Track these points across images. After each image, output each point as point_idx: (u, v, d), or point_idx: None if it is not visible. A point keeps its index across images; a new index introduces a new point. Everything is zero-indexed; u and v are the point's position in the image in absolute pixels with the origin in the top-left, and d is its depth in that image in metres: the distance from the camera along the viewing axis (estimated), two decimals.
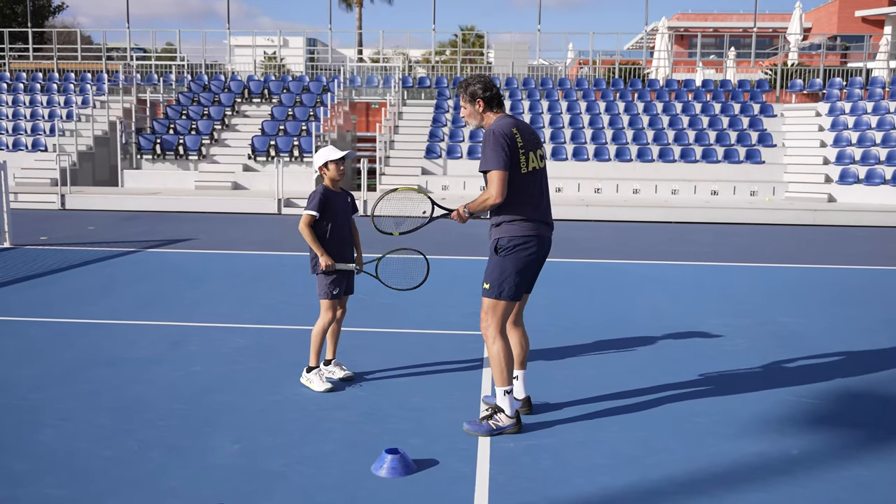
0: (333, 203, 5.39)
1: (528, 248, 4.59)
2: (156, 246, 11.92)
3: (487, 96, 4.68)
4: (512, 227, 4.58)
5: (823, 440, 4.61)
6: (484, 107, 4.70)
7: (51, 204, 17.64)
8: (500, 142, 4.49)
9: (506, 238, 4.58)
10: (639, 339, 6.81)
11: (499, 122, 4.62)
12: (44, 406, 5.00)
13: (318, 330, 5.42)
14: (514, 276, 4.58)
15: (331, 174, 5.39)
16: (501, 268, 4.59)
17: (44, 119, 22.77)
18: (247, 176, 20.16)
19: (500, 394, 4.62)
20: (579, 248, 12.44)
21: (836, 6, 46.11)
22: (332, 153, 5.38)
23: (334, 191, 5.45)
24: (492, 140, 4.52)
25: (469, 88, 4.70)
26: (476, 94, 4.68)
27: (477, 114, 4.73)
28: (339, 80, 23.84)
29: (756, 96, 22.91)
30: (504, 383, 4.61)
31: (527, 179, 4.58)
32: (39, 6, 37.64)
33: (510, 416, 4.62)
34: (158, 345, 6.45)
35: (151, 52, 29.62)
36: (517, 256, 4.58)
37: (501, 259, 4.59)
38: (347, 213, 5.52)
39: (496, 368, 4.62)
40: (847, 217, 16.67)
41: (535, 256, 4.64)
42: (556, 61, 29.37)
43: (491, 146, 4.51)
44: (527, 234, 4.58)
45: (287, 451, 4.36)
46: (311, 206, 5.31)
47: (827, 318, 7.77)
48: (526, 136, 4.62)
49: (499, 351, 4.60)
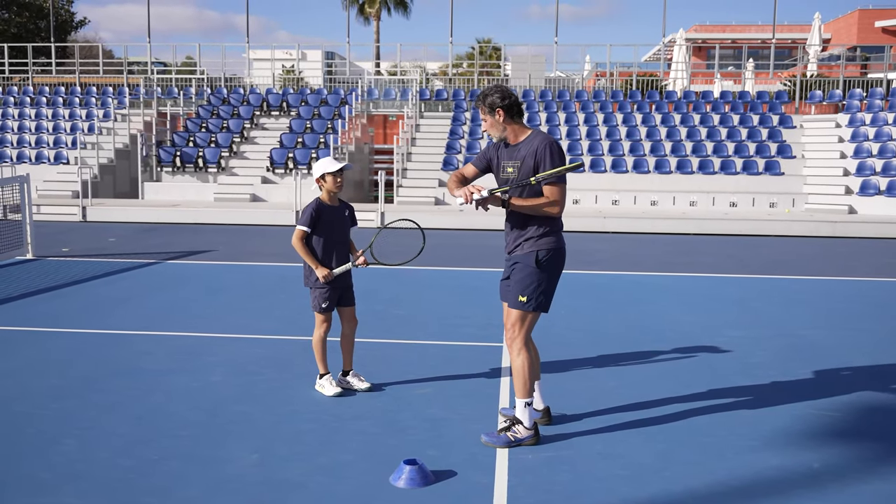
0: (327, 216, 5.41)
1: (560, 260, 4.68)
2: (175, 257, 12.01)
3: (507, 104, 4.60)
4: (549, 239, 4.59)
5: (845, 454, 4.56)
6: (504, 116, 4.62)
7: (72, 216, 17.84)
8: (562, 152, 4.57)
9: (544, 251, 4.57)
10: (658, 351, 6.77)
11: (550, 136, 4.64)
12: (64, 416, 5.05)
13: (316, 340, 5.54)
14: (551, 288, 4.65)
15: (328, 186, 5.40)
16: (539, 280, 4.57)
17: (66, 132, 23.05)
18: (265, 188, 20.28)
19: (521, 405, 4.61)
20: (597, 259, 12.40)
21: (856, 17, 45.84)
22: (329, 165, 5.38)
23: (329, 204, 5.45)
24: (558, 153, 4.53)
25: (487, 99, 4.61)
26: (495, 104, 4.60)
27: (498, 124, 4.64)
28: (357, 93, 23.97)
29: (775, 107, 22.79)
30: (525, 395, 4.60)
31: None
32: (62, 21, 38.19)
33: (528, 427, 4.61)
34: (177, 355, 6.49)
35: (172, 65, 29.96)
36: (552, 270, 4.62)
37: (540, 272, 4.57)
38: (345, 225, 5.53)
39: (519, 380, 4.61)
40: (868, 229, 16.50)
41: (563, 265, 4.72)
42: (573, 73, 29.38)
43: (560, 156, 4.53)
44: (560, 247, 4.65)
45: (305, 462, 4.37)
46: (302, 221, 5.38)
47: (848, 330, 7.68)
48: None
49: (523, 363, 4.60)
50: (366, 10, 47.62)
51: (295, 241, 5.39)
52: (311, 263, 5.40)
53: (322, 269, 5.36)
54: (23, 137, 22.90)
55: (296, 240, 5.38)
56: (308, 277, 5.49)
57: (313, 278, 5.43)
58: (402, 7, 48.56)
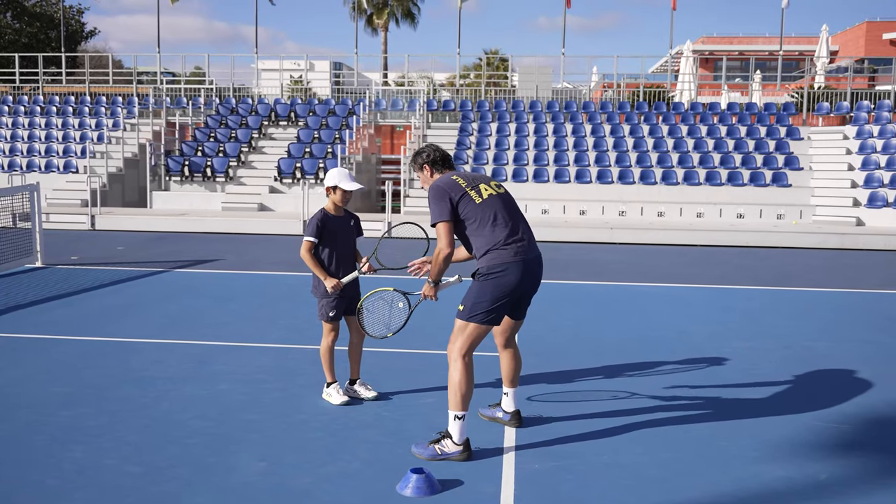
0: (332, 227, 5.45)
1: (506, 276, 4.54)
2: (183, 266, 12.07)
3: (431, 160, 4.92)
4: (492, 254, 4.57)
5: (851, 465, 4.56)
6: (431, 171, 4.93)
7: (81, 224, 17.94)
8: (440, 192, 4.64)
9: (485, 266, 4.58)
10: (664, 362, 6.78)
11: (439, 178, 4.77)
12: (74, 423, 5.08)
13: (324, 349, 5.58)
14: (488, 302, 4.55)
15: (336, 198, 5.46)
16: (477, 292, 4.59)
17: (75, 141, 23.21)
18: (273, 198, 20.38)
19: (451, 418, 4.53)
20: (604, 270, 12.41)
21: (864, 29, 45.86)
22: (346, 182, 5.41)
23: (335, 215, 5.50)
24: (433, 194, 4.67)
25: (417, 159, 4.97)
26: (422, 162, 4.94)
27: (428, 179, 4.94)
28: (365, 104, 24.08)
29: (782, 119, 22.79)
30: (456, 407, 4.51)
31: (487, 205, 4.64)
32: (73, 32, 38.48)
33: (457, 443, 4.52)
34: (186, 363, 6.53)
35: (181, 75, 30.14)
36: (495, 283, 4.54)
37: (479, 284, 4.60)
38: (350, 235, 5.57)
39: (451, 391, 4.52)
40: (876, 241, 16.47)
41: (517, 283, 4.57)
42: (580, 84, 29.46)
43: (434, 200, 4.65)
44: (506, 262, 4.54)
45: (313, 470, 4.39)
46: (308, 231, 5.43)
47: (855, 342, 7.67)
48: (468, 177, 4.78)
49: (458, 373, 4.51)
50: (374, 22, 47.85)
51: (303, 252, 5.43)
52: (319, 274, 5.44)
53: (330, 280, 5.40)
54: (33, 146, 23.07)
55: (304, 251, 5.43)
56: (316, 287, 5.53)
57: (321, 288, 5.46)
58: (410, 18, 48.79)
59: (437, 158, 4.94)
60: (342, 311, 5.53)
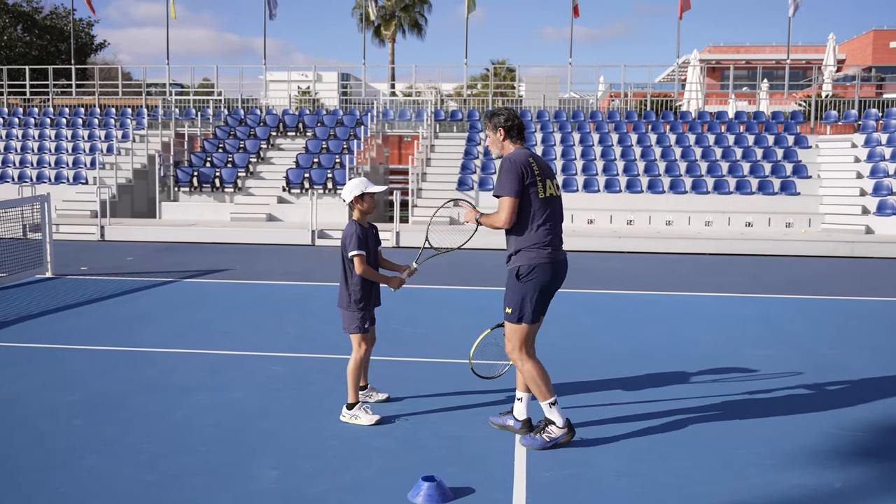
0: (367, 238, 5.41)
1: (545, 275, 4.79)
2: (193, 276, 12.10)
3: (508, 126, 4.96)
4: (531, 253, 4.78)
5: (868, 473, 4.53)
6: (504, 136, 4.97)
7: (91, 235, 18.01)
8: (517, 170, 4.74)
9: (525, 265, 4.77)
10: (677, 370, 6.75)
11: (516, 152, 4.89)
12: (88, 432, 5.10)
13: (355, 365, 5.35)
14: (533, 300, 4.79)
15: (365, 206, 5.40)
16: (522, 293, 4.79)
17: (85, 153, 23.34)
18: (281, 208, 20.43)
19: (546, 407, 4.82)
20: (613, 279, 12.39)
21: (871, 37, 45.80)
22: (369, 185, 5.39)
23: (364, 226, 5.43)
24: (509, 167, 4.77)
25: (493, 119, 5.00)
26: (498, 124, 4.97)
27: (498, 142, 5.00)
28: (372, 114, 24.16)
29: (790, 128, 22.76)
30: (546, 397, 4.79)
31: (546, 204, 4.81)
32: (82, 44, 38.77)
33: (561, 426, 4.80)
34: (198, 372, 6.54)
35: (189, 87, 30.31)
36: (536, 282, 4.77)
37: (522, 285, 4.78)
38: (377, 244, 5.54)
39: (534, 386, 4.81)
40: (886, 249, 16.40)
41: (553, 281, 4.84)
42: (587, 94, 29.48)
43: (508, 173, 4.76)
44: (545, 261, 4.78)
45: (326, 478, 4.39)
46: (354, 246, 5.27)
47: (870, 350, 7.63)
48: (541, 166, 4.89)
49: (531, 370, 4.81)
50: (381, 33, 48.05)
51: (361, 268, 5.26)
52: (383, 281, 5.39)
53: (395, 278, 5.40)
54: (43, 158, 23.20)
55: (360, 266, 5.26)
56: (347, 298, 5.36)
57: (354, 299, 5.33)
58: (417, 29, 48.98)
59: (514, 126, 4.97)
60: (372, 321, 5.49)
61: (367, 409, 5.34)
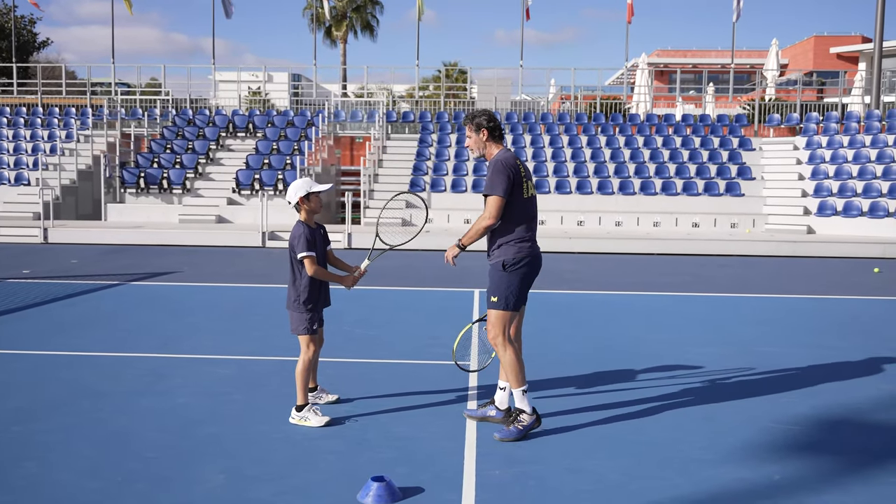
0: (315, 238, 5.36)
1: (529, 265, 5.14)
2: (139, 279, 11.88)
3: (491, 126, 5.23)
4: (515, 246, 5.10)
5: (806, 466, 4.66)
6: (488, 136, 5.23)
7: (33, 238, 17.55)
8: (508, 172, 5.02)
9: (511, 257, 5.08)
10: (624, 369, 6.86)
11: (504, 154, 5.16)
12: (26, 439, 4.97)
13: (303, 367, 5.31)
14: (517, 289, 5.10)
15: (312, 206, 5.35)
16: (508, 282, 5.08)
17: (27, 153, 22.73)
18: (231, 209, 20.18)
19: (519, 395, 5.07)
20: (564, 279, 12.52)
21: (812, 43, 47.13)
22: (314, 184, 5.35)
23: (312, 226, 5.38)
24: (500, 168, 5.04)
25: (476, 119, 5.25)
26: (481, 125, 5.22)
27: (481, 143, 5.26)
28: (324, 115, 24.02)
29: (735, 130, 23.29)
30: (519, 384, 5.07)
31: (527, 203, 5.16)
32: (24, 42, 37.76)
33: (530, 413, 5.05)
34: (143, 377, 6.42)
35: (136, 86, 29.72)
36: (522, 273, 5.11)
37: (508, 274, 5.08)
38: (324, 244, 5.50)
39: (511, 372, 5.08)
40: (826, 248, 16.90)
41: (533, 272, 5.20)
42: (538, 96, 29.75)
43: (497, 173, 5.03)
44: (526, 254, 5.11)
45: (274, 482, 4.35)
46: (302, 248, 5.23)
47: (808, 347, 7.86)
48: (525, 168, 5.21)
49: (511, 356, 5.09)
50: (333, 33, 47.82)
51: (311, 269, 5.22)
52: (336, 280, 5.43)
53: (348, 277, 5.48)
54: None
55: (311, 267, 5.22)
56: (296, 299, 5.32)
57: (302, 300, 5.29)
58: (369, 30, 48.86)
59: (496, 127, 5.25)
60: (321, 322, 5.45)
61: (316, 411, 5.30)
